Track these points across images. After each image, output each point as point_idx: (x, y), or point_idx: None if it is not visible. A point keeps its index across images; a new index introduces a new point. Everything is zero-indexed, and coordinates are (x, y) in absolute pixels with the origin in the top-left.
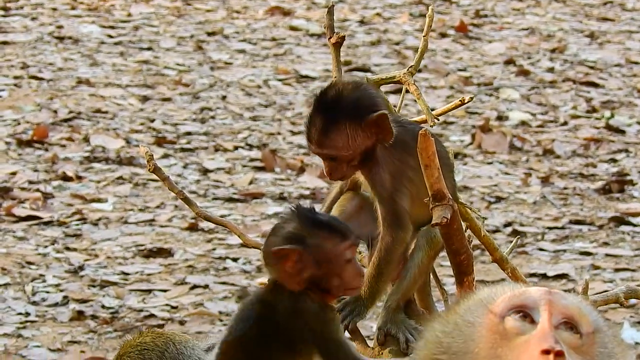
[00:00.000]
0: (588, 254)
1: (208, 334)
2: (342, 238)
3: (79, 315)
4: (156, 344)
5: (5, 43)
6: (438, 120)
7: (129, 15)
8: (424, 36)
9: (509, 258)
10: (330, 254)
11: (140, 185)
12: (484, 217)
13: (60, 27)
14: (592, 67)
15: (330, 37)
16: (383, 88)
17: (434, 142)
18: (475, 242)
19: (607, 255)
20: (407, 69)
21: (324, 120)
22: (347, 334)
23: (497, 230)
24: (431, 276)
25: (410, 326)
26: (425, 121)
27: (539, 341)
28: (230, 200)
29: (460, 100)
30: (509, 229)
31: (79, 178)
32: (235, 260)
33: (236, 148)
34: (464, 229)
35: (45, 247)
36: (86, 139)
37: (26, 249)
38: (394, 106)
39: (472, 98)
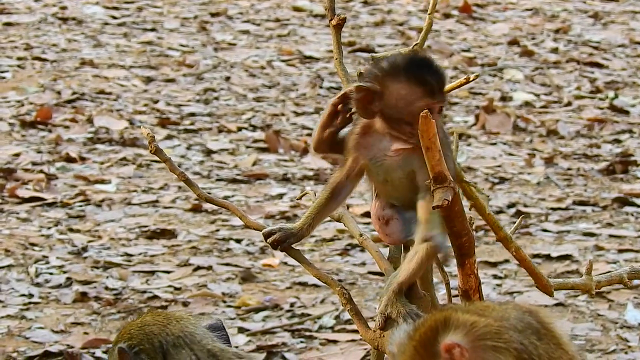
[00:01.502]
0: (592, 234)
1: (211, 315)
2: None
3: (82, 297)
4: (157, 320)
5: (8, 24)
6: None
7: None
8: (428, 14)
9: (513, 238)
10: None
11: (144, 167)
12: (489, 196)
13: (63, 8)
14: (596, 48)
15: (331, 19)
16: None
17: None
18: (479, 223)
19: (610, 236)
20: (412, 47)
21: (440, 75)
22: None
23: (500, 211)
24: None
25: (411, 311)
26: None
27: None
28: (233, 181)
29: (465, 79)
30: (513, 210)
31: (83, 159)
32: (238, 241)
33: (240, 129)
34: (469, 207)
35: (49, 228)
36: (90, 120)
37: (29, 230)
38: None
39: (477, 76)
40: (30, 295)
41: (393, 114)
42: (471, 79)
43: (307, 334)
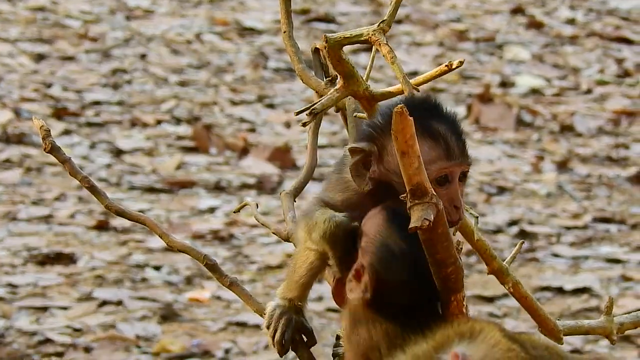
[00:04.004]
0: (617, 261)
1: None
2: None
3: None
4: None
5: None
6: (418, 90)
7: None
8: None
9: (513, 268)
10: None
11: (34, 171)
12: (478, 215)
13: None
14: (624, 19)
15: None
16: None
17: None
18: (469, 246)
19: None
20: (378, 25)
21: (461, 130)
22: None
23: (499, 231)
24: None
25: None
26: (401, 92)
27: None
28: (151, 190)
29: (447, 65)
30: (515, 229)
31: None
32: (157, 268)
33: (159, 122)
34: (453, 230)
35: None
36: None
37: None
38: (363, 69)
39: (461, 63)
40: None
41: (395, 183)
42: (454, 67)
43: None
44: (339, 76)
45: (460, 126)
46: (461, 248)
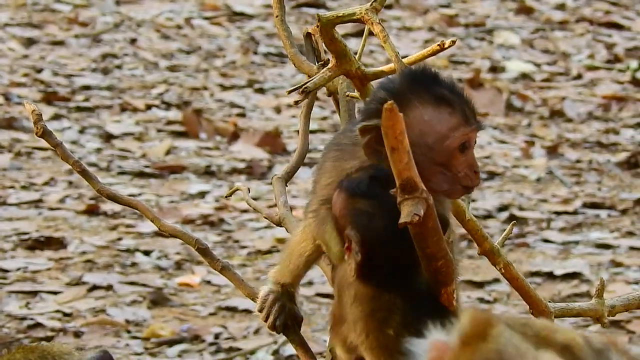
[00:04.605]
0: (607, 246)
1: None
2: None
3: None
4: (28, 357)
5: None
6: None
7: None
8: None
9: (503, 250)
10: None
11: (24, 155)
12: (469, 197)
13: None
14: (614, 4)
15: None
16: (341, 29)
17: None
18: (461, 230)
19: (631, 248)
20: (371, 4)
21: (468, 95)
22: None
23: (489, 216)
24: None
25: None
26: (393, 71)
27: None
28: (141, 175)
29: (439, 45)
30: (505, 214)
31: None
32: (147, 253)
33: (149, 107)
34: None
35: None
36: None
37: None
38: (355, 53)
39: (454, 42)
40: None
41: (415, 154)
42: (446, 46)
43: None
44: (331, 55)
45: (460, 88)
46: (451, 240)
